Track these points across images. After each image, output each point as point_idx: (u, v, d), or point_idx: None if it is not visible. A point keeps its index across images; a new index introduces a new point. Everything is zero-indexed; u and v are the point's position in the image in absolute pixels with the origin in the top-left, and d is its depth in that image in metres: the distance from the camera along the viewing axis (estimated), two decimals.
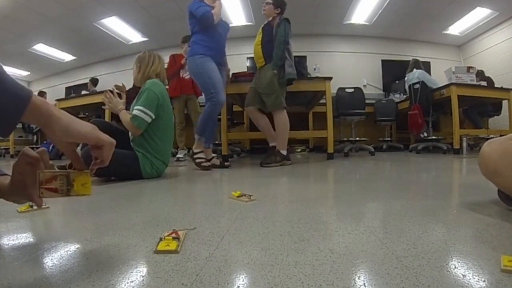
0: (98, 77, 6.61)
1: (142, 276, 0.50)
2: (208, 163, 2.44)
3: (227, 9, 4.93)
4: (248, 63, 5.77)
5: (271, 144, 2.89)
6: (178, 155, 3.54)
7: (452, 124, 3.67)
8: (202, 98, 3.99)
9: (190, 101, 3.80)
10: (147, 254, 0.60)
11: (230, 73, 3.76)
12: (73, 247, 0.65)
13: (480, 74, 4.34)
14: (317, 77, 3.32)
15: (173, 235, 0.65)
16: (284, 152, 2.72)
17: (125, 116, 1.85)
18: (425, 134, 4.16)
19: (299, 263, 0.54)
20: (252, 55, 3.04)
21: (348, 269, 0.51)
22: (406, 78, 4.37)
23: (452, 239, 0.66)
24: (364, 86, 5.67)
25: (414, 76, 4.15)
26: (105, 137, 0.58)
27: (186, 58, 3.82)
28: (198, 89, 3.85)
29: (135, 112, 1.83)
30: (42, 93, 6.18)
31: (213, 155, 2.63)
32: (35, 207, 1.00)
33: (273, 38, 2.69)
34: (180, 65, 3.82)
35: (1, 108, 0.46)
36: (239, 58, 5.79)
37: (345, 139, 4.35)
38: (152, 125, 1.88)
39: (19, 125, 5.84)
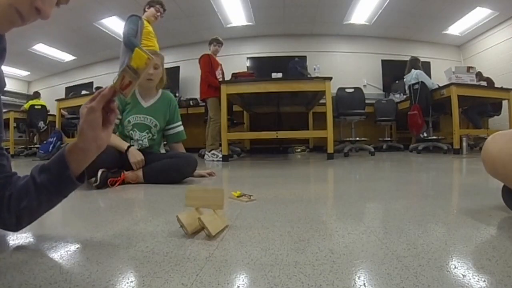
0: (98, 77, 6.61)
1: (142, 276, 0.50)
2: None
3: (227, 9, 4.93)
4: (248, 63, 5.78)
5: None
6: (216, 153, 3.45)
7: (452, 124, 3.67)
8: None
9: (219, 99, 3.70)
10: (148, 254, 0.60)
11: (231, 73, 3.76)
12: (73, 247, 0.65)
13: (479, 75, 4.34)
14: (317, 77, 3.32)
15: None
16: None
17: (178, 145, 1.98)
18: (425, 134, 4.15)
19: (299, 263, 0.54)
20: (252, 55, 3.02)
21: (348, 269, 0.51)
22: (404, 80, 4.37)
23: (452, 239, 0.67)
24: (364, 86, 5.66)
25: (412, 76, 4.14)
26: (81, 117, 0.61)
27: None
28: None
29: (182, 129, 1.97)
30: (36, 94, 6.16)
31: None
32: None
33: None
34: (219, 65, 3.78)
35: (59, 188, 0.62)
36: (239, 58, 5.79)
37: (345, 139, 4.35)
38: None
39: (17, 125, 5.85)
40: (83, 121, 0.60)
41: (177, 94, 5.58)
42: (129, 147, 1.71)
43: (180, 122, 1.97)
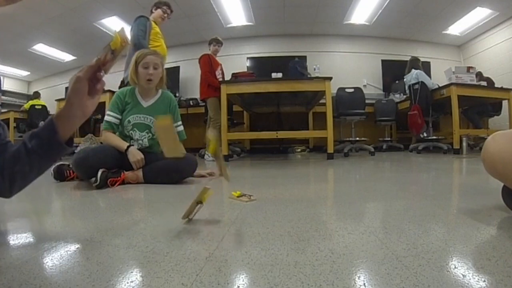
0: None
1: (142, 276, 0.50)
2: None
3: (227, 9, 4.93)
4: (248, 63, 5.77)
5: None
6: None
7: (452, 124, 3.67)
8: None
9: (218, 99, 3.65)
10: (148, 254, 0.60)
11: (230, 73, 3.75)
12: (73, 247, 0.65)
13: (479, 75, 4.34)
14: (317, 77, 3.32)
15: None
16: None
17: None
18: (425, 134, 4.15)
19: (299, 263, 0.54)
20: (253, 55, 3.01)
21: (348, 269, 0.51)
22: (405, 79, 4.36)
23: (452, 239, 0.66)
24: (364, 86, 5.66)
25: (412, 76, 4.14)
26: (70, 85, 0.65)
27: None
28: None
29: (182, 128, 1.96)
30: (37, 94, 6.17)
31: None
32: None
33: None
34: (219, 65, 3.78)
35: (49, 152, 0.64)
36: (239, 58, 5.79)
37: (345, 139, 4.35)
38: None
39: (17, 125, 5.85)
40: (70, 89, 0.65)
41: (177, 94, 5.58)
42: (128, 146, 1.71)
43: (180, 122, 1.97)
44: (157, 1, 2.98)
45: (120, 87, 3.03)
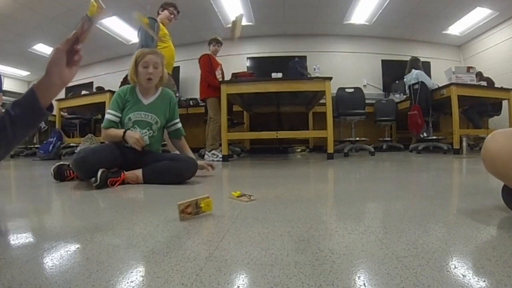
0: (98, 77, 6.61)
1: (142, 276, 0.50)
2: None
3: (227, 9, 4.93)
4: (248, 63, 5.77)
5: None
6: (216, 153, 3.45)
7: (452, 124, 3.67)
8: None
9: (218, 99, 3.60)
10: (147, 254, 0.60)
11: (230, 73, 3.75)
12: (73, 247, 0.65)
13: (479, 75, 4.34)
14: (317, 77, 3.31)
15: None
16: None
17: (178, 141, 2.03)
18: (425, 134, 4.15)
19: (299, 263, 0.54)
20: (253, 55, 3.01)
21: (348, 269, 0.51)
22: (405, 79, 4.37)
23: (452, 239, 0.66)
24: (364, 86, 5.66)
25: (412, 76, 4.15)
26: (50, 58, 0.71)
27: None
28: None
29: (180, 125, 1.99)
30: None
31: None
32: None
33: None
34: (218, 65, 3.78)
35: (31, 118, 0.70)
36: (239, 58, 5.79)
37: (345, 139, 4.35)
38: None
39: None
40: (49, 60, 0.70)
41: (177, 94, 5.57)
42: (125, 132, 1.73)
43: (178, 120, 1.99)
44: (164, 2, 2.97)
45: (121, 85, 3.03)
